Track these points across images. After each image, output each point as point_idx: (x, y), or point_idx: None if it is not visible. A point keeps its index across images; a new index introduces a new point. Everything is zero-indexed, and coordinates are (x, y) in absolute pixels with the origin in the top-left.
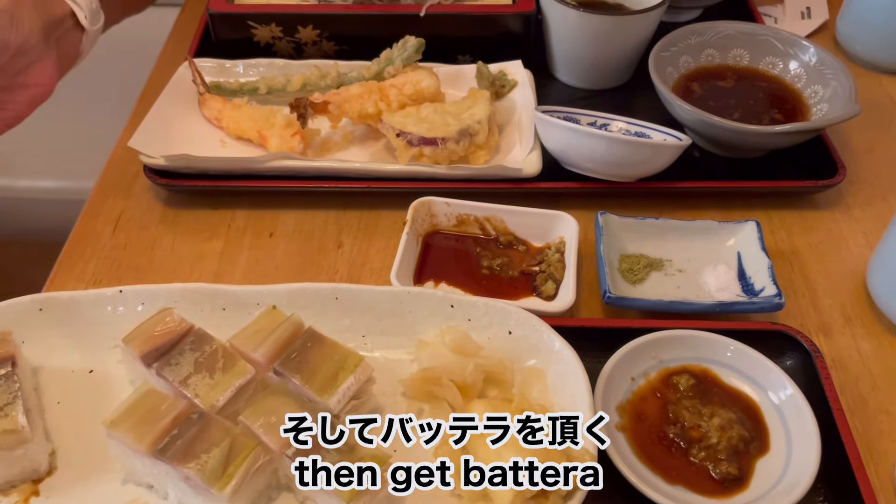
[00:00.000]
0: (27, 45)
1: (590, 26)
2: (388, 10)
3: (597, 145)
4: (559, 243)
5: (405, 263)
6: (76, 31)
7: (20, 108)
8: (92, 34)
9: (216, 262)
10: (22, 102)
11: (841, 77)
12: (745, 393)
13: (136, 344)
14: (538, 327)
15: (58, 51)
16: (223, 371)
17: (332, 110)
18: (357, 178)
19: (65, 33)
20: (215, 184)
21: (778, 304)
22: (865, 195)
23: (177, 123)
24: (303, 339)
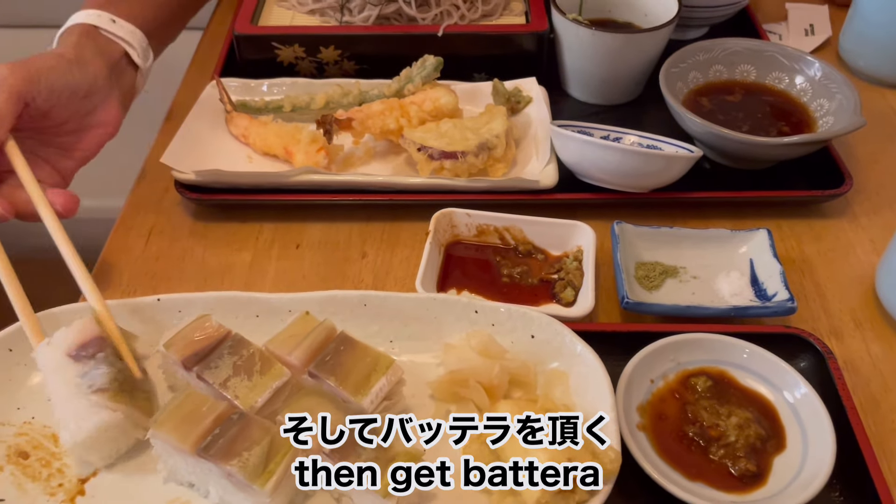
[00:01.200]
0: (94, 87)
1: (602, 44)
2: (406, 30)
3: (611, 157)
4: (577, 252)
5: (429, 272)
6: (131, 69)
7: (90, 147)
8: (144, 71)
9: (246, 273)
10: (91, 142)
11: (846, 90)
12: (761, 393)
13: (177, 349)
14: (560, 331)
15: (122, 92)
16: (260, 374)
17: (355, 126)
18: (380, 191)
19: (122, 74)
20: (243, 198)
21: (791, 308)
22: (871, 204)
23: (205, 140)
24: (335, 342)
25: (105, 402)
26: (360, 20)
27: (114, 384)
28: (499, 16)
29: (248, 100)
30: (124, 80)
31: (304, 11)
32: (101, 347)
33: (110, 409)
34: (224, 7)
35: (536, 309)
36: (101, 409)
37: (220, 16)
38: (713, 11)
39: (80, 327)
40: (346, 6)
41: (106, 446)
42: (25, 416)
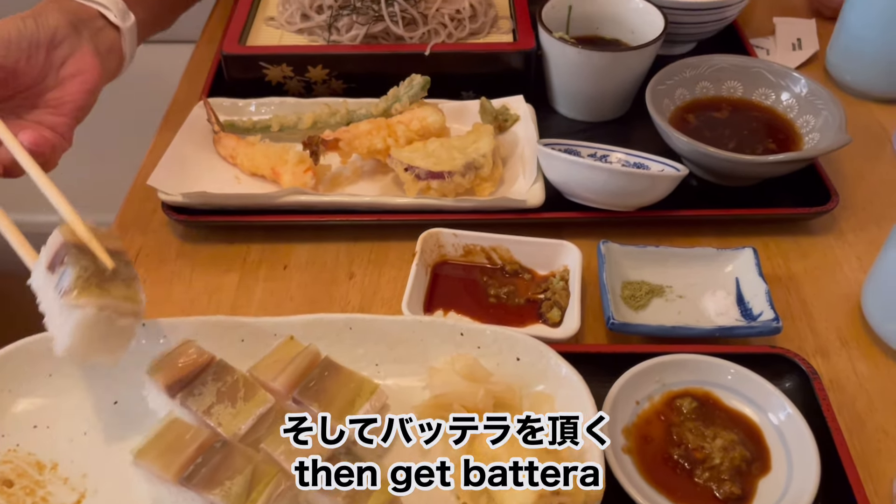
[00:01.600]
0: (57, 38)
1: (588, 62)
2: (394, 49)
3: (597, 176)
4: (563, 271)
5: (415, 293)
6: (111, 30)
7: (77, 97)
8: (128, 34)
9: (233, 295)
10: (76, 92)
11: (832, 107)
12: (746, 415)
13: (161, 375)
14: (545, 354)
15: (97, 46)
16: (244, 400)
17: (342, 147)
18: (367, 211)
19: (98, 32)
20: (231, 219)
21: (776, 328)
22: (858, 220)
23: (193, 161)
24: (320, 368)
25: (72, 302)
26: (347, 39)
27: (78, 282)
28: (486, 34)
29: (236, 120)
30: (104, 39)
31: (293, 30)
32: (66, 251)
33: (79, 308)
34: (214, 21)
35: (522, 330)
36: (71, 310)
37: (210, 32)
38: (700, 27)
39: (51, 241)
40: (333, 25)
41: (101, 344)
42: (10, 443)
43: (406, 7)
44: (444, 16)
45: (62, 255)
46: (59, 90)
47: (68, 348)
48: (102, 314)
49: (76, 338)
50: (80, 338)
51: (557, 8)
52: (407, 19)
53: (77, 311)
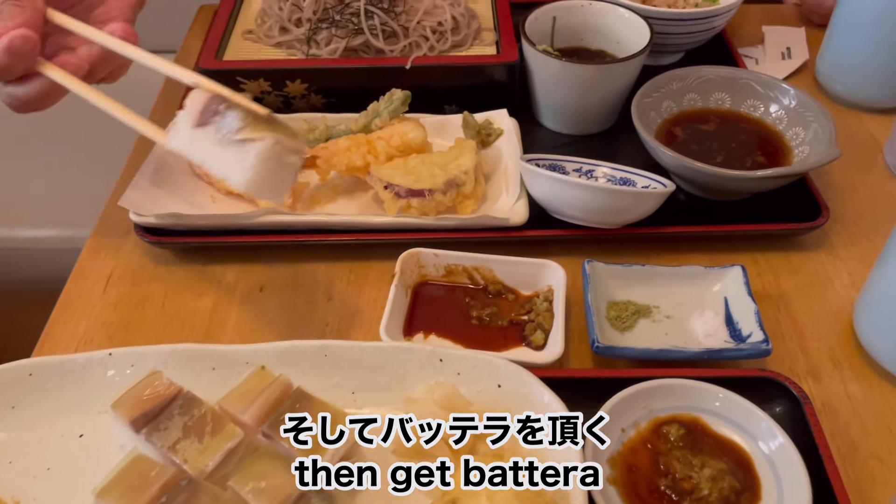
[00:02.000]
0: None
1: (572, 75)
2: (374, 63)
3: (581, 194)
4: (547, 292)
5: (394, 316)
6: None
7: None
8: None
9: (207, 319)
10: (120, 7)
11: (821, 119)
12: (736, 442)
13: (125, 409)
14: (527, 380)
15: None
16: (212, 435)
17: (320, 164)
18: (346, 230)
19: None
20: (206, 240)
21: (765, 350)
22: (850, 235)
23: (167, 180)
24: (291, 399)
25: (249, 135)
26: (326, 53)
27: (248, 119)
28: (469, 46)
29: None
30: None
31: (271, 44)
32: (218, 102)
33: (258, 139)
34: (193, 34)
35: (505, 354)
36: (250, 144)
37: (189, 45)
38: (687, 37)
39: (190, 102)
40: (312, 39)
41: (273, 178)
42: None
43: (386, 20)
44: (425, 28)
45: (215, 107)
46: (104, 6)
47: (248, 181)
48: (276, 147)
49: (257, 169)
50: (260, 170)
51: (541, 19)
52: (387, 32)
53: (257, 143)
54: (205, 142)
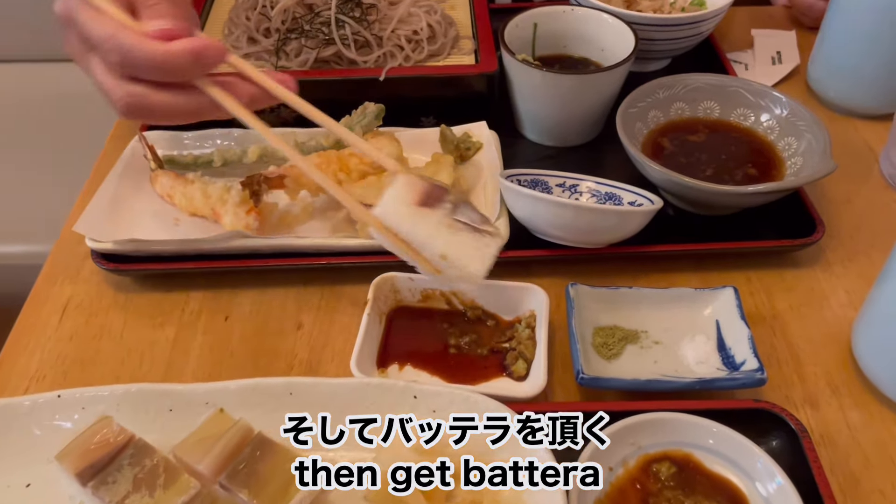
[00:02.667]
0: None
1: (554, 86)
2: (346, 74)
3: (564, 213)
4: (529, 317)
5: (366, 348)
6: None
7: None
8: None
9: (168, 351)
10: None
11: (815, 129)
12: (731, 481)
13: (71, 460)
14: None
15: None
16: (164, 488)
17: (288, 184)
18: (316, 254)
19: None
20: (167, 266)
21: (760, 379)
22: (846, 250)
23: (128, 202)
24: (251, 446)
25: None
26: (296, 64)
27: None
28: (447, 55)
29: (175, 154)
30: None
31: (238, 55)
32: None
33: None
34: None
35: (484, 387)
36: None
37: None
38: (674, 43)
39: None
40: (282, 49)
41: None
42: None
43: (359, 29)
44: (400, 38)
45: (439, 194)
46: None
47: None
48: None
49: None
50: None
51: (522, 26)
52: (360, 42)
53: (498, 239)
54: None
